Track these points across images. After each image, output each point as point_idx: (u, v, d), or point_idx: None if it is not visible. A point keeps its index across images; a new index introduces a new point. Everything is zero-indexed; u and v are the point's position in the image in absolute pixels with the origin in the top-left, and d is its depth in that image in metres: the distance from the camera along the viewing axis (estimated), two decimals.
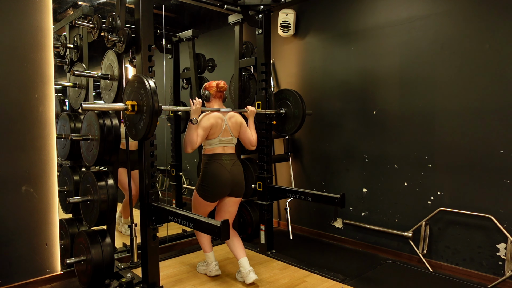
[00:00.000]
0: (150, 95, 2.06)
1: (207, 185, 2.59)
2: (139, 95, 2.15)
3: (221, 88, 2.69)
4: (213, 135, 2.60)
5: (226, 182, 2.60)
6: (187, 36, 4.00)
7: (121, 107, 2.20)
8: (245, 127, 2.78)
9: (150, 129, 2.11)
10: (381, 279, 2.79)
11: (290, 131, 3.38)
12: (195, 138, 2.48)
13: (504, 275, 2.55)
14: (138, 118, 2.17)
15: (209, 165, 2.61)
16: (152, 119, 2.07)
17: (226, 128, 2.65)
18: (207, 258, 2.79)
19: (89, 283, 2.43)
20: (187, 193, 5.26)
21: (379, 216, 3.31)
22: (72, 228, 2.80)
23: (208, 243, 2.78)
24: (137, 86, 2.17)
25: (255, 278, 2.61)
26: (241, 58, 3.51)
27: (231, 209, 2.75)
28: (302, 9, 3.87)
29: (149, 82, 2.11)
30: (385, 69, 3.22)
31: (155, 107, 2.06)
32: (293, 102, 3.33)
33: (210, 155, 2.63)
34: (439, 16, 2.88)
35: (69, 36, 2.96)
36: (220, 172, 2.59)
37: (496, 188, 2.63)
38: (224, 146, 2.65)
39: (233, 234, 2.74)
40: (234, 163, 2.67)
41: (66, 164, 2.98)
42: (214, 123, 2.58)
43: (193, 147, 2.49)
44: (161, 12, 3.53)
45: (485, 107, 2.66)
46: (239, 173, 2.69)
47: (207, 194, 2.60)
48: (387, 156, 3.23)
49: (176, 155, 4.29)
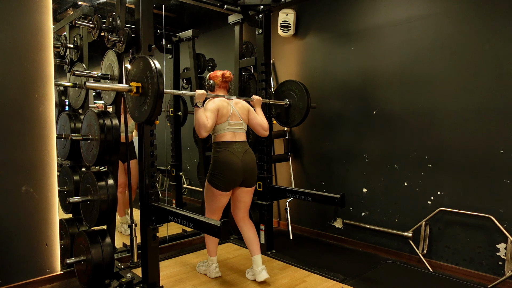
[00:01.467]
0: (156, 77, 2.02)
1: (219, 173, 2.51)
2: (144, 77, 2.11)
3: (227, 78, 2.64)
4: (221, 118, 2.52)
5: (238, 170, 2.52)
6: (187, 36, 4.00)
7: (125, 88, 2.17)
8: (253, 112, 2.71)
9: (154, 111, 2.07)
10: (381, 279, 2.79)
11: (293, 123, 3.30)
12: (205, 119, 2.40)
13: (504, 275, 2.55)
14: (142, 100, 2.14)
15: (220, 153, 2.53)
16: (156, 102, 2.03)
17: (234, 112, 2.57)
18: (209, 260, 2.77)
19: (89, 283, 2.43)
20: (187, 193, 5.26)
21: (379, 216, 3.31)
22: (72, 228, 2.80)
23: (214, 247, 2.75)
24: (142, 68, 2.13)
25: (267, 277, 2.59)
26: (241, 58, 3.51)
27: (245, 199, 2.68)
28: (302, 9, 3.87)
29: (155, 63, 2.06)
30: (385, 69, 3.22)
31: (160, 90, 2.01)
32: (298, 94, 3.24)
33: (220, 143, 2.55)
34: (439, 16, 2.88)
35: (69, 36, 2.96)
36: (232, 160, 2.50)
37: (496, 188, 2.63)
38: (234, 131, 2.57)
39: (250, 227, 2.70)
40: (246, 151, 2.59)
41: (66, 164, 2.97)
42: (221, 106, 2.50)
43: (207, 129, 2.40)
44: (161, 12, 3.53)
45: (485, 107, 2.66)
46: (252, 161, 2.60)
47: (219, 183, 2.51)
48: (387, 156, 3.23)
49: (176, 155, 4.29)
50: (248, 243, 2.67)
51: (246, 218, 2.75)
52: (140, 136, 2.39)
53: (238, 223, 2.74)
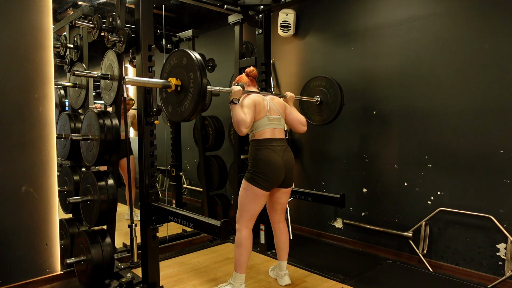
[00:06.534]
0: (199, 72, 1.88)
1: (262, 170, 2.34)
2: (183, 72, 1.98)
3: (250, 72, 2.55)
4: (259, 114, 2.40)
5: (280, 168, 2.38)
6: (187, 36, 4.00)
7: (162, 84, 2.05)
8: (289, 108, 2.62)
9: (195, 110, 1.93)
10: (381, 279, 2.79)
11: (326, 121, 3.11)
12: (243, 115, 2.28)
13: (504, 275, 2.55)
14: (182, 97, 2.01)
15: (260, 151, 2.38)
16: (199, 99, 1.90)
17: (271, 107, 2.47)
18: (237, 278, 2.41)
19: (89, 283, 2.43)
20: (187, 193, 5.26)
21: (379, 216, 3.30)
22: (72, 228, 2.80)
23: (246, 262, 2.41)
24: (181, 62, 2.00)
25: (288, 283, 2.61)
26: (241, 58, 3.51)
27: (283, 200, 2.58)
28: (302, 9, 3.88)
29: (196, 56, 1.93)
30: (385, 69, 3.22)
31: (204, 85, 1.88)
32: (332, 93, 3.04)
33: (259, 140, 2.41)
34: (439, 16, 2.88)
35: (69, 36, 2.97)
36: (274, 158, 2.37)
37: (496, 188, 2.63)
38: (273, 127, 2.44)
39: (283, 231, 2.63)
40: (286, 149, 2.46)
41: (66, 164, 2.98)
42: (257, 101, 2.39)
43: (247, 125, 2.28)
44: (161, 12, 3.53)
45: (485, 107, 2.66)
46: (291, 160, 2.48)
47: (262, 183, 2.34)
48: (387, 156, 3.23)
49: (176, 155, 4.29)
50: (278, 245, 2.63)
51: (282, 222, 2.65)
52: (140, 136, 2.39)
53: (273, 225, 2.67)
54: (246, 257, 2.39)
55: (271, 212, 2.67)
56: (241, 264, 2.39)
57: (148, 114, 2.36)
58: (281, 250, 2.63)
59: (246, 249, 2.38)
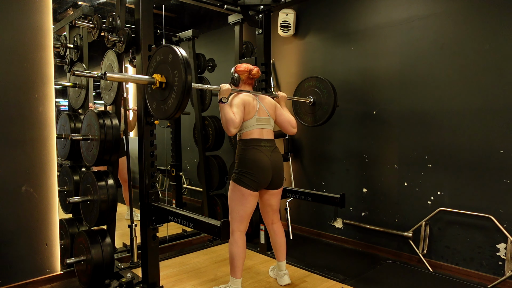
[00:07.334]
0: (183, 68, 1.84)
1: (248, 170, 2.31)
2: (168, 69, 1.94)
3: (254, 75, 2.47)
4: (248, 114, 2.36)
5: (267, 169, 2.34)
6: (187, 36, 4.00)
7: (147, 80, 2.00)
8: (280, 109, 2.57)
9: (179, 107, 1.89)
10: (381, 279, 2.79)
11: (318, 122, 3.07)
12: (232, 115, 2.24)
13: (504, 275, 2.55)
14: (166, 94, 1.97)
15: (247, 151, 2.35)
16: (183, 97, 1.86)
17: (261, 108, 2.43)
18: (233, 283, 2.38)
19: (89, 283, 2.43)
20: (187, 193, 5.26)
21: (379, 216, 3.30)
22: (72, 228, 2.80)
23: (242, 266, 2.38)
24: (165, 58, 1.96)
25: (288, 283, 2.61)
26: (241, 58, 3.51)
27: (272, 202, 2.55)
28: (302, 9, 3.87)
29: (181, 52, 1.88)
30: (385, 69, 3.22)
31: (188, 83, 1.83)
32: (325, 94, 3.00)
33: (247, 140, 2.38)
34: (439, 16, 2.88)
35: (69, 36, 2.97)
36: (260, 158, 2.33)
37: (496, 188, 2.63)
38: (262, 128, 2.40)
39: (278, 232, 2.61)
40: (274, 149, 2.42)
41: (66, 164, 2.98)
42: (246, 101, 2.35)
43: (235, 125, 2.24)
44: (161, 12, 3.53)
45: (485, 107, 2.66)
46: (279, 161, 2.44)
47: (248, 182, 2.30)
48: (387, 156, 3.23)
49: (176, 155, 4.30)
50: (276, 247, 2.62)
51: (275, 223, 2.63)
52: (140, 136, 2.39)
53: (267, 227, 2.67)
54: (240, 261, 2.34)
55: (263, 214, 2.67)
56: (235, 268, 2.35)
57: (148, 114, 2.36)
58: (278, 251, 2.63)
59: (239, 253, 2.34)
